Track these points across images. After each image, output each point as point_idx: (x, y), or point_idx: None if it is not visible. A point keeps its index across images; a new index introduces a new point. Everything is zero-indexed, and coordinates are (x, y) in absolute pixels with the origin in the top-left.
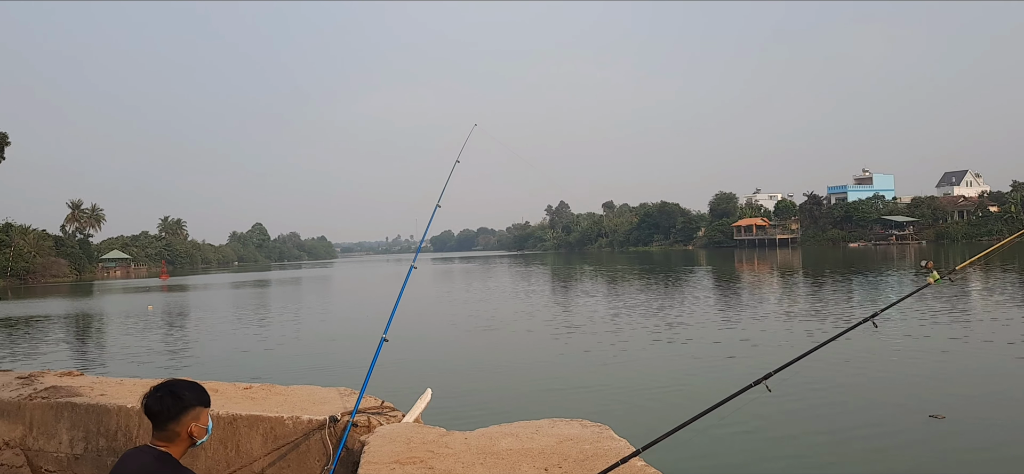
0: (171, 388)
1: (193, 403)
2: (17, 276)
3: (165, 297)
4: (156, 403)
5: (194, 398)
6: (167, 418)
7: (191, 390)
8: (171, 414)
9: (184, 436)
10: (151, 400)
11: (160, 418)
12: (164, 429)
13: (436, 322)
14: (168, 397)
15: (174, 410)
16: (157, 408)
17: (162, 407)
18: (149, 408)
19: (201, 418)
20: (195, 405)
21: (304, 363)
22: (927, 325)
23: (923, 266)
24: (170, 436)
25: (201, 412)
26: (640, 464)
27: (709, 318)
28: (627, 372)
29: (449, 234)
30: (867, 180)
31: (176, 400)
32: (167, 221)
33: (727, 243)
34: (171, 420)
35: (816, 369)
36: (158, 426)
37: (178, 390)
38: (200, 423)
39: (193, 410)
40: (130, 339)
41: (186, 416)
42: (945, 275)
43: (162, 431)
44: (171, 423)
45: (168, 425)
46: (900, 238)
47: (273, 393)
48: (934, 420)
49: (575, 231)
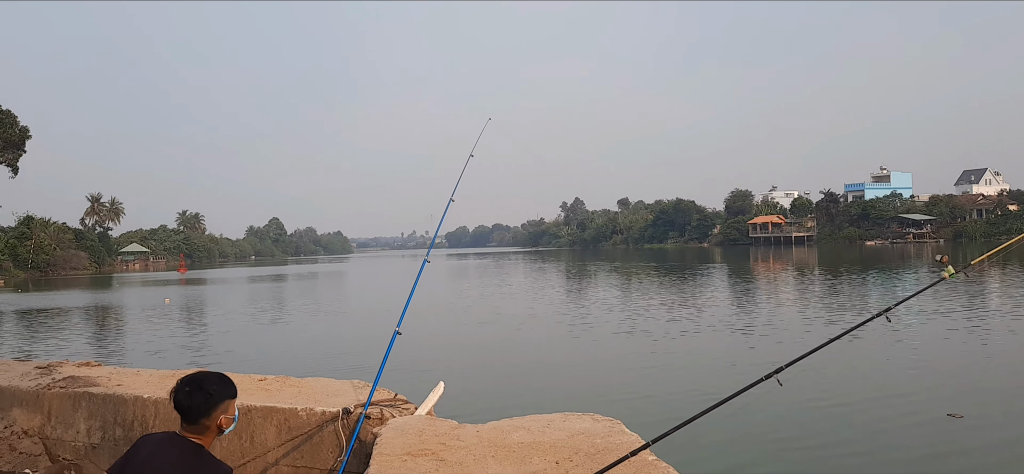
0: (200, 384)
1: (222, 396)
2: (38, 268)
3: (183, 290)
4: (186, 398)
5: (223, 392)
6: (198, 413)
7: (219, 383)
8: (202, 410)
9: (213, 428)
10: (181, 395)
11: (190, 413)
12: (195, 423)
13: (449, 316)
14: (198, 394)
15: (205, 406)
16: (187, 403)
17: (192, 403)
18: (179, 403)
19: (229, 410)
20: (224, 398)
21: (318, 356)
22: (944, 322)
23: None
24: (201, 429)
25: (230, 404)
26: (651, 458)
27: (722, 314)
28: (640, 367)
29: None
30: (885, 178)
31: (206, 397)
32: (185, 215)
33: (742, 241)
34: (202, 415)
35: (829, 365)
36: (188, 420)
37: (207, 386)
38: (228, 414)
39: (223, 404)
40: (148, 331)
41: (216, 410)
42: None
43: (193, 424)
44: (202, 418)
45: (199, 419)
46: (917, 236)
47: (287, 385)
48: (952, 419)
49: (590, 228)
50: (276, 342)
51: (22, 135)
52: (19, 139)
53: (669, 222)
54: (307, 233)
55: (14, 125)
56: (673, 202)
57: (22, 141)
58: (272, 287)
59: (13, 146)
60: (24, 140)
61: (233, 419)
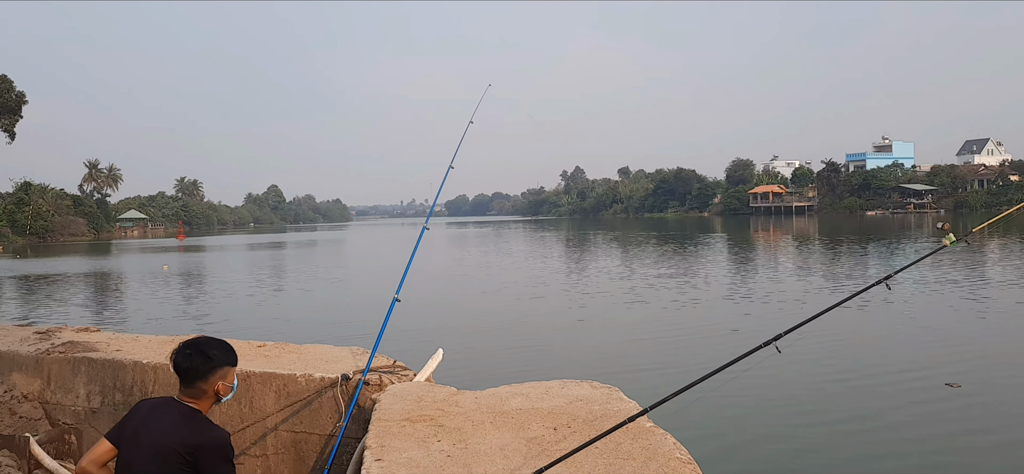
0: (201, 347)
1: (222, 363)
2: (36, 235)
3: (181, 257)
4: (185, 360)
5: (223, 358)
6: (195, 376)
7: (220, 349)
8: (199, 373)
9: (210, 393)
10: (180, 357)
11: (188, 375)
12: (192, 386)
13: (448, 284)
14: (197, 356)
15: (203, 369)
16: (186, 365)
17: (191, 365)
18: (178, 365)
19: (228, 377)
20: (223, 365)
21: (317, 322)
22: (943, 291)
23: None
24: (197, 393)
25: (228, 371)
26: (649, 424)
27: (722, 283)
28: (638, 335)
29: (463, 199)
30: (886, 148)
31: (205, 360)
32: (183, 182)
33: (743, 210)
34: (199, 378)
35: (828, 332)
36: (186, 383)
37: (207, 349)
38: (227, 382)
39: (221, 370)
40: (146, 297)
41: (214, 375)
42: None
43: (190, 388)
44: (199, 381)
45: (196, 383)
46: (918, 207)
47: (286, 351)
48: (949, 388)
49: (590, 197)
50: (275, 309)
51: (18, 100)
52: (15, 104)
53: (669, 191)
54: (306, 201)
55: (10, 90)
56: (673, 171)
57: (18, 106)
58: (271, 255)
59: (9, 111)
60: (20, 105)
61: (231, 388)
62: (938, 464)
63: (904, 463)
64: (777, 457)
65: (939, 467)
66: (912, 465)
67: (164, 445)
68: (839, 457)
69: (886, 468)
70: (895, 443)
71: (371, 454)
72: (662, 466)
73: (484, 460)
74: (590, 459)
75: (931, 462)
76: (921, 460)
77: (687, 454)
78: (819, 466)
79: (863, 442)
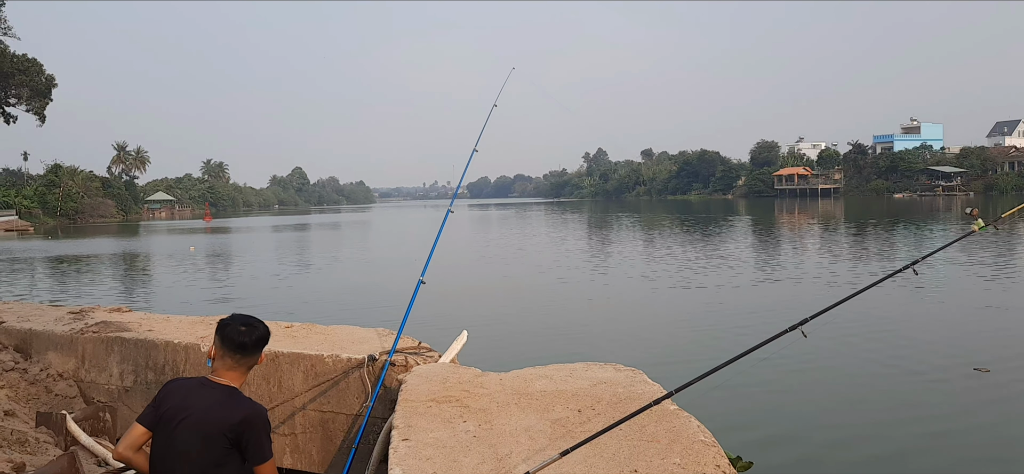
0: (255, 324)
1: (267, 341)
2: (66, 216)
3: (208, 238)
4: (244, 335)
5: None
6: (252, 350)
7: (266, 328)
8: (256, 348)
9: (246, 372)
10: (238, 333)
11: (245, 349)
12: (242, 361)
13: (472, 266)
14: (255, 332)
15: (260, 345)
16: (245, 340)
17: (250, 340)
18: (234, 340)
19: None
20: (267, 343)
21: (343, 304)
22: (972, 276)
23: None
24: (243, 369)
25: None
26: (672, 407)
27: (746, 265)
28: (662, 318)
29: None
30: (915, 129)
31: (259, 339)
32: (210, 164)
33: (767, 192)
34: (254, 353)
35: (854, 317)
36: (241, 355)
37: (261, 327)
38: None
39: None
40: (174, 278)
41: (261, 353)
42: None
43: (241, 362)
44: (252, 356)
45: (249, 357)
46: (947, 190)
47: (314, 332)
48: (978, 373)
49: (613, 179)
50: (301, 290)
51: (48, 83)
52: (45, 87)
53: (693, 173)
54: (330, 183)
55: (40, 73)
56: (697, 153)
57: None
58: (296, 236)
59: (39, 94)
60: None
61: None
62: (966, 450)
63: (932, 448)
64: (803, 442)
65: (967, 452)
66: (940, 450)
67: (207, 424)
68: (866, 441)
69: (913, 453)
70: (923, 428)
71: (398, 434)
72: (686, 449)
73: (509, 441)
74: (614, 441)
75: (959, 447)
76: (949, 446)
77: (711, 437)
78: (846, 451)
79: (890, 426)
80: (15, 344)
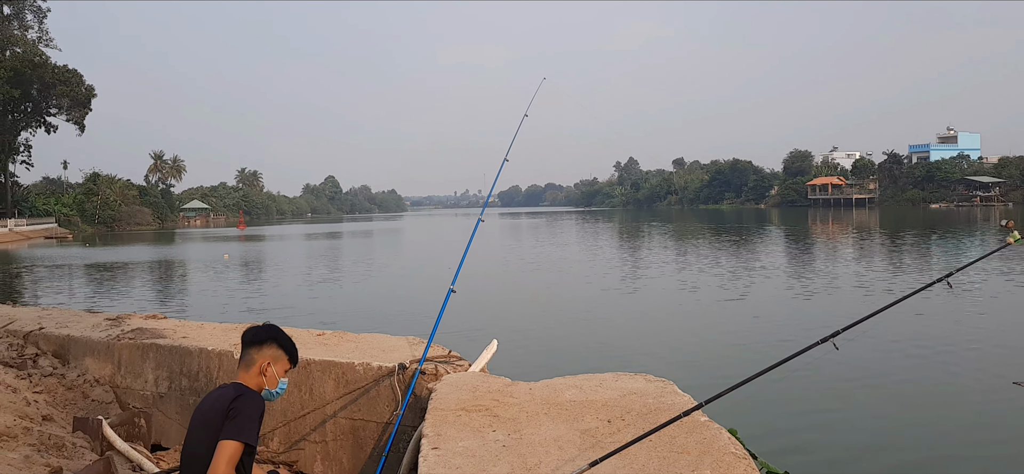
0: (264, 325)
1: (277, 340)
2: (104, 223)
3: (242, 246)
4: (250, 331)
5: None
6: (251, 342)
7: (273, 329)
8: (256, 340)
9: (257, 370)
10: (248, 330)
11: (245, 340)
12: (246, 353)
13: (502, 275)
14: (261, 331)
15: (260, 337)
16: (250, 335)
17: (254, 335)
18: (244, 335)
19: (279, 362)
20: (277, 343)
21: (374, 312)
22: (1010, 288)
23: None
24: (248, 362)
25: (281, 356)
26: (703, 419)
27: (778, 276)
28: (693, 329)
29: (516, 189)
30: (951, 139)
31: (264, 330)
32: (244, 173)
33: (801, 202)
34: (254, 346)
35: (888, 330)
36: (243, 349)
37: (266, 327)
38: (278, 366)
39: (273, 346)
40: (209, 285)
41: (267, 347)
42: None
43: (244, 356)
44: (253, 348)
45: (250, 348)
46: (985, 200)
47: (345, 340)
48: (1018, 387)
49: (644, 188)
50: (333, 298)
51: (88, 94)
52: (85, 98)
53: (725, 182)
54: (362, 191)
55: (80, 84)
56: (730, 163)
57: (88, 100)
58: (329, 244)
59: (79, 105)
60: (90, 99)
61: (278, 381)
62: (1004, 463)
63: (968, 462)
64: (836, 456)
65: (1006, 468)
66: (977, 465)
67: (209, 412)
68: (900, 457)
69: (949, 467)
70: (959, 442)
71: (428, 442)
72: (717, 460)
73: (539, 451)
74: (644, 452)
75: (997, 460)
76: (987, 460)
77: (742, 449)
78: (878, 466)
79: (925, 441)
80: (53, 350)
